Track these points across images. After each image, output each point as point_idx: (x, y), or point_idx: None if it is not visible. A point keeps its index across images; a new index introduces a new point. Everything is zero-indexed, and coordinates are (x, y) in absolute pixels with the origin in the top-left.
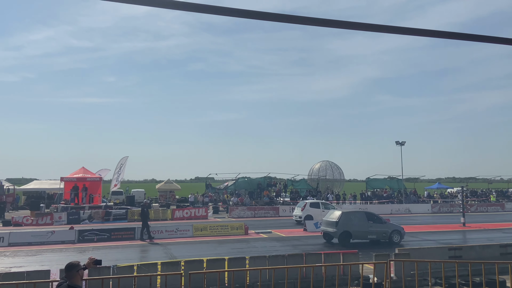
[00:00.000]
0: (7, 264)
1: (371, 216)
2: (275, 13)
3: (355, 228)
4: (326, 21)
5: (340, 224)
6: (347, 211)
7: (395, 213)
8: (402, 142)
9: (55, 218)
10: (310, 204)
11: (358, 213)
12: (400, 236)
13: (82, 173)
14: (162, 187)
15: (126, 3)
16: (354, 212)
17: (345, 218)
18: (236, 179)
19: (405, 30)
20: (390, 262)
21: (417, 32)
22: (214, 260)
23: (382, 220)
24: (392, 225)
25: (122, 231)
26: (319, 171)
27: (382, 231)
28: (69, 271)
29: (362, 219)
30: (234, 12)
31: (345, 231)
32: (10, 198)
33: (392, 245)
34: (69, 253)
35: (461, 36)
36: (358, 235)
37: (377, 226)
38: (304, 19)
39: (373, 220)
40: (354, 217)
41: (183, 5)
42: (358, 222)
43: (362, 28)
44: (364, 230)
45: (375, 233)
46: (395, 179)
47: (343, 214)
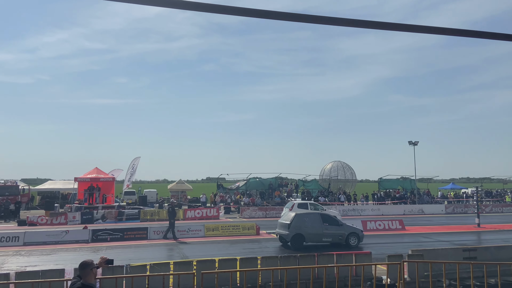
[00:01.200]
0: (22, 263)
1: (326, 218)
2: (286, 12)
3: (308, 231)
4: (337, 20)
5: (293, 226)
6: (302, 212)
7: (408, 214)
8: (415, 142)
9: (69, 218)
10: (298, 205)
11: (313, 214)
12: (358, 239)
13: (96, 174)
14: (174, 187)
15: (138, 4)
16: (309, 213)
17: (298, 220)
18: (247, 179)
19: (417, 28)
20: (404, 263)
21: (429, 30)
22: (226, 260)
23: (339, 222)
24: (350, 227)
25: (134, 231)
26: (331, 172)
27: (338, 233)
28: (83, 269)
29: (317, 221)
30: (244, 11)
31: (298, 233)
32: (25, 198)
33: (349, 248)
34: (83, 252)
35: (474, 33)
36: (311, 238)
37: (332, 228)
38: (315, 18)
39: (329, 222)
40: (308, 219)
41: (194, 5)
42: (312, 224)
43: (373, 26)
44: (319, 232)
45: (330, 235)
46: (408, 179)
47: (296, 216)
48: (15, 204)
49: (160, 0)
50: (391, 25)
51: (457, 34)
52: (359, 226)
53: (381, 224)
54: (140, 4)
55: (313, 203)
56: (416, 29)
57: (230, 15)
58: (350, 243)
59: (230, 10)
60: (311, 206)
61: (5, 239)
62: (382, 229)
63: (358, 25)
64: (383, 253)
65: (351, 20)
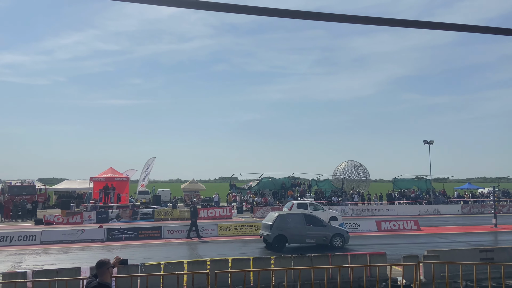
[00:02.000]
0: (39, 261)
1: (310, 219)
2: (298, 10)
3: (291, 232)
4: (350, 17)
5: (275, 227)
6: (285, 213)
7: (424, 214)
8: (430, 142)
9: (84, 217)
10: (298, 205)
11: (296, 215)
12: (343, 240)
13: (110, 173)
14: (187, 187)
15: (152, 4)
16: (292, 214)
17: (281, 220)
18: (260, 179)
19: (431, 24)
20: (420, 264)
21: (443, 26)
22: (239, 259)
23: (323, 223)
24: (334, 229)
25: (149, 230)
26: (344, 171)
27: (322, 234)
28: (100, 268)
29: (300, 222)
30: (257, 10)
31: (280, 234)
32: (42, 197)
33: (334, 249)
34: (99, 251)
35: (490, 30)
36: (294, 239)
37: (316, 229)
38: (327, 16)
39: (313, 223)
40: (291, 219)
41: (207, 4)
42: (295, 225)
43: (386, 23)
44: (302, 233)
45: (314, 236)
46: (423, 179)
47: (279, 217)
48: (32, 204)
49: (173, 0)
50: (405, 22)
51: (472, 30)
52: (373, 227)
53: (395, 225)
54: (153, 5)
55: (313, 203)
56: (430, 25)
57: (243, 14)
58: (335, 245)
59: (242, 9)
60: (311, 206)
61: (23, 238)
62: (396, 230)
63: (372, 23)
64: (398, 254)
65: (364, 17)
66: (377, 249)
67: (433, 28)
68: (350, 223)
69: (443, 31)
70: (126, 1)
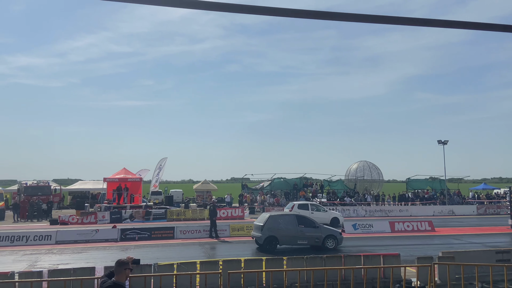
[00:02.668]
0: (55, 261)
1: (302, 220)
2: (309, 10)
3: (282, 233)
4: (362, 17)
5: (266, 228)
6: (276, 213)
7: (438, 215)
8: (444, 141)
9: (98, 217)
10: (299, 206)
11: (288, 216)
12: (336, 241)
13: (124, 174)
14: (199, 188)
15: (164, 6)
16: (283, 215)
17: (272, 221)
18: (271, 179)
19: (445, 23)
20: (435, 266)
21: (457, 25)
22: (251, 260)
23: (315, 224)
24: (327, 230)
25: (161, 230)
26: (357, 172)
27: (314, 236)
28: (119, 267)
29: (292, 223)
30: (268, 10)
31: (271, 235)
32: (57, 198)
33: (326, 251)
34: (112, 251)
35: (507, 28)
36: (285, 241)
37: (308, 230)
38: (338, 15)
39: (305, 224)
40: (283, 220)
41: (217, 5)
42: (287, 226)
43: (399, 22)
44: (293, 235)
45: (306, 238)
46: (437, 179)
47: (270, 218)
48: (48, 204)
49: (184, 2)
50: (417, 20)
51: (487, 28)
52: (386, 228)
53: (409, 225)
54: (166, 6)
55: (315, 204)
56: (443, 24)
57: (254, 14)
58: (327, 246)
59: (253, 10)
60: (312, 207)
61: (38, 237)
62: (410, 231)
63: (383, 21)
64: (412, 255)
65: (375, 16)
66: (390, 250)
67: (446, 26)
68: (363, 223)
69: (456, 29)
70: (137, 3)
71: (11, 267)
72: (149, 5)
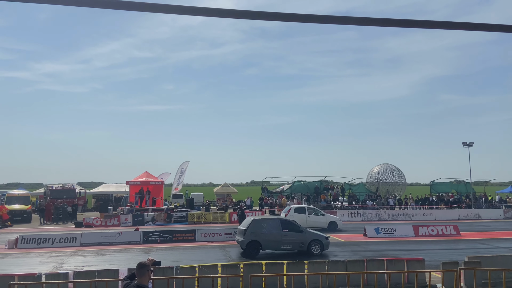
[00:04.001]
0: (80, 263)
1: (286, 224)
2: (329, 15)
3: (265, 237)
4: (384, 21)
5: (248, 232)
6: (259, 218)
7: (463, 219)
8: (469, 144)
9: (121, 220)
10: (295, 210)
11: (272, 220)
12: (322, 246)
13: (146, 177)
14: (220, 191)
15: (184, 15)
16: (267, 219)
17: (255, 226)
18: (292, 182)
19: (468, 25)
20: (460, 271)
21: (481, 27)
22: (272, 263)
23: (300, 228)
24: (312, 234)
25: (183, 233)
26: (379, 175)
27: (299, 240)
28: (140, 269)
29: (275, 227)
30: (288, 17)
31: (254, 240)
32: (82, 201)
33: (311, 256)
34: (135, 253)
35: None
36: (269, 245)
37: (292, 235)
38: (360, 19)
39: (289, 228)
40: (266, 224)
41: (237, 13)
42: (270, 230)
43: (421, 25)
44: (277, 239)
45: (290, 242)
46: (462, 182)
47: (253, 222)
48: (72, 207)
49: (204, 10)
50: (440, 23)
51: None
52: (410, 232)
53: (434, 230)
54: (187, 15)
55: (312, 208)
56: (466, 26)
57: (274, 21)
58: (313, 251)
59: (272, 16)
60: (310, 211)
61: (64, 240)
62: (435, 235)
63: (407, 25)
64: (437, 260)
65: (396, 20)
66: (414, 254)
67: (469, 29)
68: (386, 227)
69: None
70: (156, 12)
71: (38, 268)
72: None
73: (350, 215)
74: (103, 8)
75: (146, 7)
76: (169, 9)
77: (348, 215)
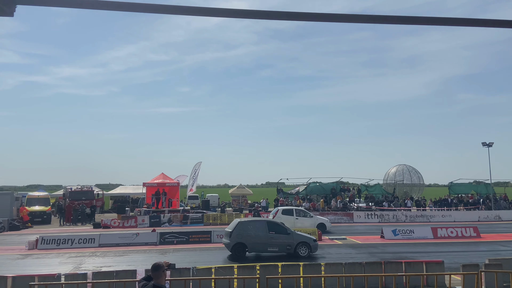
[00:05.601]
0: (98, 263)
1: (273, 226)
2: (342, 13)
3: (251, 240)
4: (401, 18)
5: (234, 235)
6: (245, 219)
7: (483, 221)
8: (489, 144)
9: (138, 221)
10: (283, 211)
11: (258, 222)
12: (310, 249)
13: (162, 179)
14: (235, 192)
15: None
16: (253, 221)
17: (241, 228)
18: (307, 184)
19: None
20: (481, 273)
21: (500, 24)
22: (289, 265)
23: (288, 230)
24: (300, 237)
25: (199, 234)
26: (396, 176)
27: (286, 243)
28: (156, 271)
29: (262, 229)
30: (301, 16)
31: (239, 242)
32: (100, 202)
33: (299, 259)
34: (152, 254)
35: None
36: (255, 248)
37: (279, 237)
38: (375, 17)
39: (276, 230)
40: (253, 227)
41: (251, 13)
42: (256, 232)
43: (437, 22)
44: (263, 242)
45: (276, 245)
46: (482, 183)
47: (239, 224)
48: (91, 208)
49: (219, 11)
50: (455, 20)
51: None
52: (429, 234)
53: (453, 232)
54: (201, 16)
55: (300, 209)
56: (484, 23)
57: (286, 20)
58: (300, 254)
59: (286, 16)
60: (297, 213)
61: (82, 240)
62: (454, 237)
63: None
64: (457, 262)
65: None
66: (433, 257)
67: (488, 26)
68: (403, 229)
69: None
70: (171, 14)
71: (58, 269)
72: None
73: (366, 216)
74: (118, 11)
75: (162, 9)
76: (184, 11)
77: (364, 217)
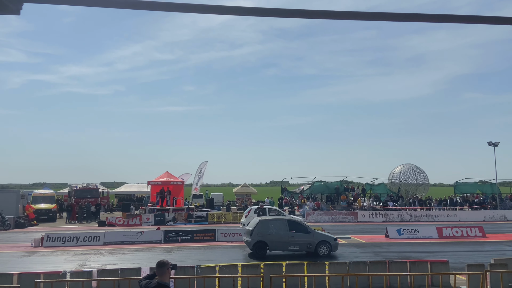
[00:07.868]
0: (103, 261)
1: (294, 225)
2: (348, 11)
3: (272, 238)
4: (405, 16)
5: (255, 233)
6: (267, 218)
7: (489, 220)
8: (495, 143)
9: (143, 219)
10: (255, 210)
11: (279, 221)
12: (330, 248)
13: (166, 177)
14: (239, 191)
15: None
16: (274, 219)
17: (262, 226)
18: (311, 183)
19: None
20: (487, 273)
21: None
22: (293, 264)
23: (308, 229)
24: (320, 235)
25: (203, 233)
26: (400, 175)
27: (306, 241)
28: (161, 268)
29: (282, 228)
30: (307, 13)
31: (260, 241)
32: (105, 200)
33: (318, 257)
34: (157, 252)
35: None
36: (276, 246)
37: (300, 236)
38: (380, 15)
39: (296, 229)
40: (273, 225)
41: (256, 10)
42: (277, 231)
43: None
44: (284, 240)
45: (297, 243)
46: (488, 183)
47: (260, 222)
48: (96, 206)
49: (225, 8)
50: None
51: None
52: (433, 233)
53: (458, 231)
54: (206, 14)
55: (274, 209)
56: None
57: (292, 18)
58: (320, 252)
59: (292, 13)
60: (271, 212)
61: (87, 238)
62: (459, 237)
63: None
64: (462, 262)
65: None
66: (438, 256)
67: (492, 23)
68: (408, 229)
69: (504, 25)
70: (177, 11)
71: (63, 266)
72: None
73: (371, 215)
74: (123, 9)
75: (167, 7)
76: (190, 8)
77: (369, 216)
